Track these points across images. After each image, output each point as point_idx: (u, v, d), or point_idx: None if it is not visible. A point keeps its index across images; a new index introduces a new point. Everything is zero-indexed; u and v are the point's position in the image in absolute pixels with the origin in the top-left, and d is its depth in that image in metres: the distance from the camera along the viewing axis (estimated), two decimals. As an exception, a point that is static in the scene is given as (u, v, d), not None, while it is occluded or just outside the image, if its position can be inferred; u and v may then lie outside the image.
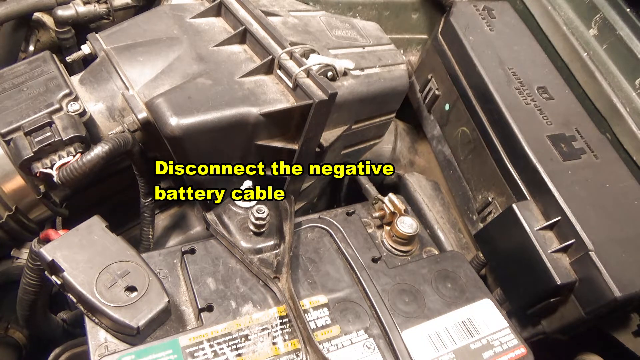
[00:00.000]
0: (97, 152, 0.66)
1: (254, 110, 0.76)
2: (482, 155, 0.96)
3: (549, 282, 0.78)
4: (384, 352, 0.69)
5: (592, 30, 1.03)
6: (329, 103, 0.76)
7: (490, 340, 0.72)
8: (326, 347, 0.68)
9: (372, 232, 0.83)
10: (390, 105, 1.03)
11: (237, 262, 0.75)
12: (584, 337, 0.90)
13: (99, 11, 1.16)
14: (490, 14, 1.10)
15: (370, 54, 0.99)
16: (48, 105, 0.71)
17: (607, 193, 0.85)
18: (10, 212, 0.73)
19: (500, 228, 0.88)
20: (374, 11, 1.25)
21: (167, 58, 0.80)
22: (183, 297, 0.71)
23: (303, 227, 0.82)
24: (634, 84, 0.95)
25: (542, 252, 0.80)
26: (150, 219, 0.83)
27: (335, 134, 0.90)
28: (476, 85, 0.99)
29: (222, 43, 0.85)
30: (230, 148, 0.79)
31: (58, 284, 0.65)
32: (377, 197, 0.87)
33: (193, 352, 0.64)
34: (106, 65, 0.79)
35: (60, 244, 0.65)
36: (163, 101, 0.73)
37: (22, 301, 0.78)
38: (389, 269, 0.78)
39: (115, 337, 0.64)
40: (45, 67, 0.75)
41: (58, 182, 0.67)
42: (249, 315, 0.69)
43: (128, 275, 0.65)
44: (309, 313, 0.71)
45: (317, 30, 0.97)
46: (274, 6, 0.98)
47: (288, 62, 0.80)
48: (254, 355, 0.65)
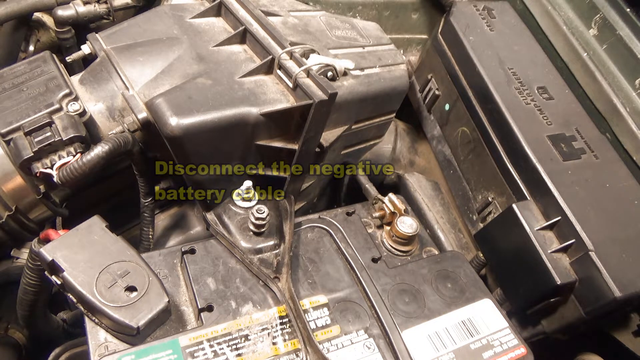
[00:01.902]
0: (97, 152, 0.66)
1: (254, 110, 0.76)
2: (482, 155, 0.96)
3: (549, 282, 0.78)
4: (384, 352, 0.69)
5: (592, 30, 1.03)
6: (329, 103, 0.76)
7: (490, 340, 0.72)
8: (326, 347, 0.68)
9: (372, 232, 0.83)
10: (390, 105, 1.03)
11: (237, 262, 0.75)
12: (584, 337, 0.90)
13: (99, 11, 1.16)
14: (490, 14, 1.10)
15: (370, 54, 0.99)
16: (48, 105, 0.71)
17: (607, 193, 0.85)
18: (10, 212, 0.73)
19: (500, 228, 0.88)
20: (374, 11, 1.25)
21: (167, 58, 0.80)
22: (183, 297, 0.71)
23: (303, 227, 0.82)
24: (634, 84, 0.95)
25: (542, 252, 0.80)
26: (150, 219, 0.83)
27: (335, 134, 0.90)
28: (476, 85, 0.99)
29: (222, 43, 0.85)
30: (230, 148, 0.79)
31: (58, 284, 0.65)
32: (377, 197, 0.87)
33: (193, 352, 0.64)
34: (106, 65, 0.79)
35: (60, 244, 0.65)
36: (163, 101, 0.73)
37: (22, 301, 0.78)
38: (389, 269, 0.78)
39: (115, 337, 0.64)
40: (45, 67, 0.75)
41: (58, 182, 0.67)
42: (249, 315, 0.69)
43: (128, 275, 0.65)
44: (309, 313, 0.71)
45: (317, 30, 0.97)
46: (274, 6, 0.98)
47: (288, 62, 0.80)
48: (254, 355, 0.65)
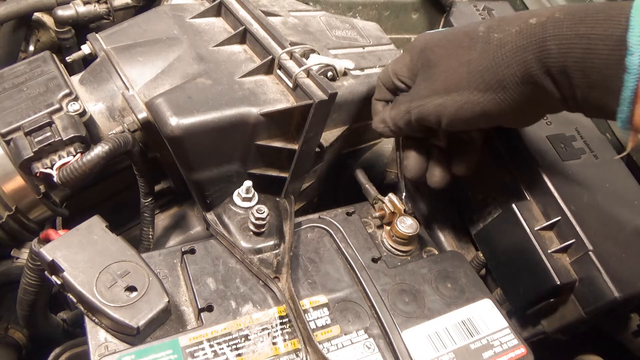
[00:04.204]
0: (97, 152, 0.66)
1: (254, 110, 0.76)
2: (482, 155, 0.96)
3: (549, 282, 0.78)
4: (384, 352, 0.69)
5: (592, 30, 1.03)
6: (329, 103, 0.76)
7: (490, 340, 0.72)
8: (326, 347, 0.68)
9: (372, 232, 0.83)
10: (390, 105, 1.03)
11: (237, 262, 0.75)
12: (584, 337, 0.90)
13: (99, 11, 1.16)
14: (490, 14, 1.10)
15: (370, 54, 0.99)
16: (48, 105, 0.71)
17: (607, 193, 0.85)
18: (10, 212, 0.73)
19: (500, 228, 0.88)
20: (374, 11, 1.25)
21: (167, 58, 0.80)
22: (183, 297, 0.71)
23: (303, 227, 0.82)
24: (634, 84, 0.95)
25: (542, 252, 0.79)
26: (150, 219, 0.83)
27: (335, 134, 0.90)
28: (476, 85, 0.99)
29: (222, 43, 0.85)
30: (230, 148, 0.79)
31: (58, 284, 0.65)
32: (377, 197, 0.87)
33: (193, 352, 0.64)
34: (106, 65, 0.79)
35: (60, 244, 0.65)
36: (163, 101, 0.73)
37: (22, 301, 0.78)
38: (389, 269, 0.78)
39: (115, 337, 0.64)
40: (45, 67, 0.75)
41: (58, 182, 0.67)
42: (249, 315, 0.69)
43: (128, 275, 0.65)
44: (309, 313, 0.71)
45: (317, 30, 0.97)
46: (274, 6, 0.98)
47: (288, 62, 0.80)
48: (254, 355, 0.65)
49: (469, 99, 0.67)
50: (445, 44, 0.71)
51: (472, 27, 0.69)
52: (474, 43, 0.67)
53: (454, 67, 0.69)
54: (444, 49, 0.71)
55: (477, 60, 0.66)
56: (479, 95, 0.67)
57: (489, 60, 0.65)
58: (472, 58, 0.67)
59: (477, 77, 0.66)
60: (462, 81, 0.68)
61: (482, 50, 0.66)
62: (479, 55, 0.66)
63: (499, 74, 0.64)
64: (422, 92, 0.73)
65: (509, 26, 0.65)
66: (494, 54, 0.65)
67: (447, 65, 0.70)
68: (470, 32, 0.69)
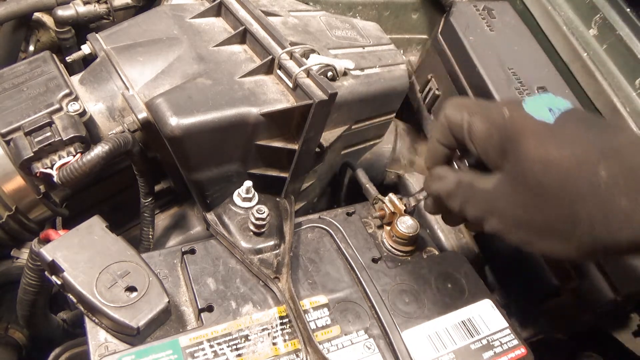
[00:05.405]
0: (97, 152, 0.66)
1: (254, 110, 0.76)
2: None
3: (549, 282, 0.78)
4: (384, 353, 0.69)
5: (592, 30, 1.03)
6: (329, 103, 0.76)
7: (491, 341, 0.72)
8: (326, 348, 0.68)
9: (372, 232, 0.83)
10: (390, 105, 1.03)
11: (237, 263, 0.75)
12: (584, 337, 0.90)
13: (99, 11, 1.16)
14: (490, 14, 1.10)
15: (370, 54, 0.99)
16: (48, 105, 0.71)
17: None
18: (10, 212, 0.73)
19: (500, 228, 0.88)
20: (374, 11, 1.25)
21: (167, 58, 0.80)
22: (183, 297, 0.71)
23: (303, 227, 0.82)
24: (634, 84, 0.95)
25: (542, 252, 0.80)
26: (150, 219, 0.82)
27: (335, 134, 0.90)
28: (476, 85, 0.99)
29: (222, 43, 0.85)
30: (231, 148, 0.79)
31: (58, 284, 0.65)
32: (377, 197, 0.87)
33: (193, 352, 0.64)
34: (106, 65, 0.79)
35: (60, 244, 0.65)
36: (163, 101, 0.73)
37: (22, 301, 0.78)
38: (389, 269, 0.78)
39: (115, 337, 0.64)
40: (45, 67, 0.75)
41: (58, 182, 0.67)
42: (249, 316, 0.69)
43: (128, 275, 0.65)
44: (309, 313, 0.71)
45: (317, 30, 0.97)
46: (274, 6, 0.98)
47: (288, 62, 0.80)
48: (254, 355, 0.65)
49: (566, 252, 0.54)
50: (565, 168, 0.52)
51: (592, 170, 0.51)
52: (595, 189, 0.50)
53: (566, 214, 0.52)
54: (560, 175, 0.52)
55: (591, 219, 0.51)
56: (576, 254, 0.54)
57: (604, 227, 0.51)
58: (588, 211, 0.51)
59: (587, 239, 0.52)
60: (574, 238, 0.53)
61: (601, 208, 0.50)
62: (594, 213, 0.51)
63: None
64: (513, 213, 0.56)
65: None
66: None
67: (560, 202, 0.53)
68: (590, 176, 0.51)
